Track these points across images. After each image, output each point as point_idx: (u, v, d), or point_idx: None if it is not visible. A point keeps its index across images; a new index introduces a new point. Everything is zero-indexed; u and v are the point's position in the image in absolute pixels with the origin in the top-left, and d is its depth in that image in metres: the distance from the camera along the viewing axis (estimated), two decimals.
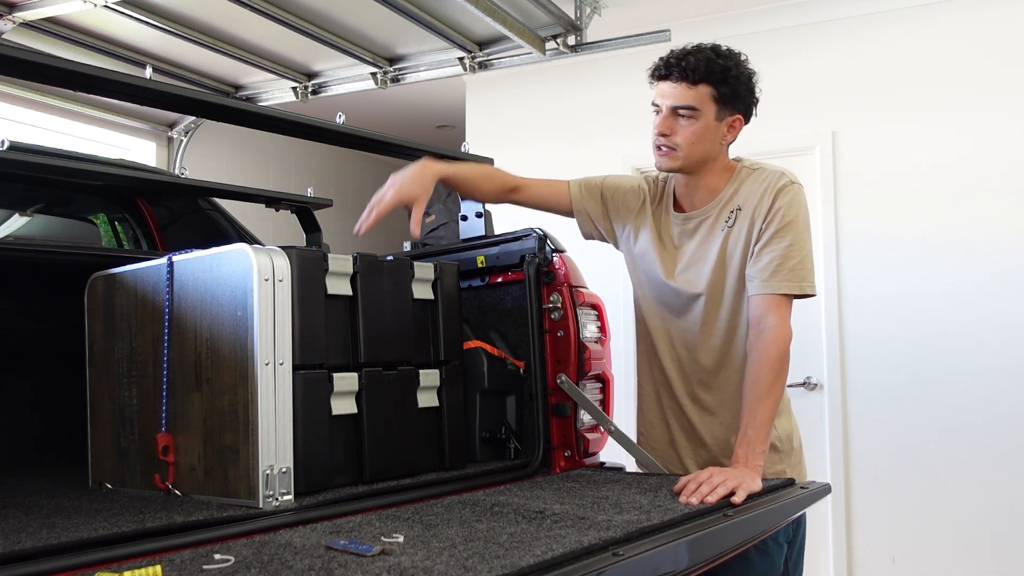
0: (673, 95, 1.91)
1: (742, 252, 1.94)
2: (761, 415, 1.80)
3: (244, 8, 3.28)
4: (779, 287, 1.87)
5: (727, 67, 1.90)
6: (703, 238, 1.99)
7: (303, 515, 1.54)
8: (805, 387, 4.07)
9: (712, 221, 1.98)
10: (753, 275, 1.91)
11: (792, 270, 1.88)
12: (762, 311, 1.88)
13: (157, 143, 5.18)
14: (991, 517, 3.71)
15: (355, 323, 1.80)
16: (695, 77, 1.88)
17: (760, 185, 1.95)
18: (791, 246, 1.89)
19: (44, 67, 1.61)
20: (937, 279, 3.86)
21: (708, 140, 1.93)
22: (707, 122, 1.91)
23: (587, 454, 2.19)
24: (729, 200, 1.97)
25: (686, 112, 1.90)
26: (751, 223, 1.93)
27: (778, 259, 1.88)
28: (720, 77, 1.89)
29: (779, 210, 1.91)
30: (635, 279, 2.13)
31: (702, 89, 1.89)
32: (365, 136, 2.18)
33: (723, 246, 1.95)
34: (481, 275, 2.29)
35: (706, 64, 1.89)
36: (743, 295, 1.94)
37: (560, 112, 4.76)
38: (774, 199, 1.92)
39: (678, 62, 1.90)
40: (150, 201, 3.14)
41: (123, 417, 1.82)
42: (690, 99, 1.90)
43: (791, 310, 1.91)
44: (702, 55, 1.90)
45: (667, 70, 1.92)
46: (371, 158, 6.58)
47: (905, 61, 3.99)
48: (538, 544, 1.28)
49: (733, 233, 1.95)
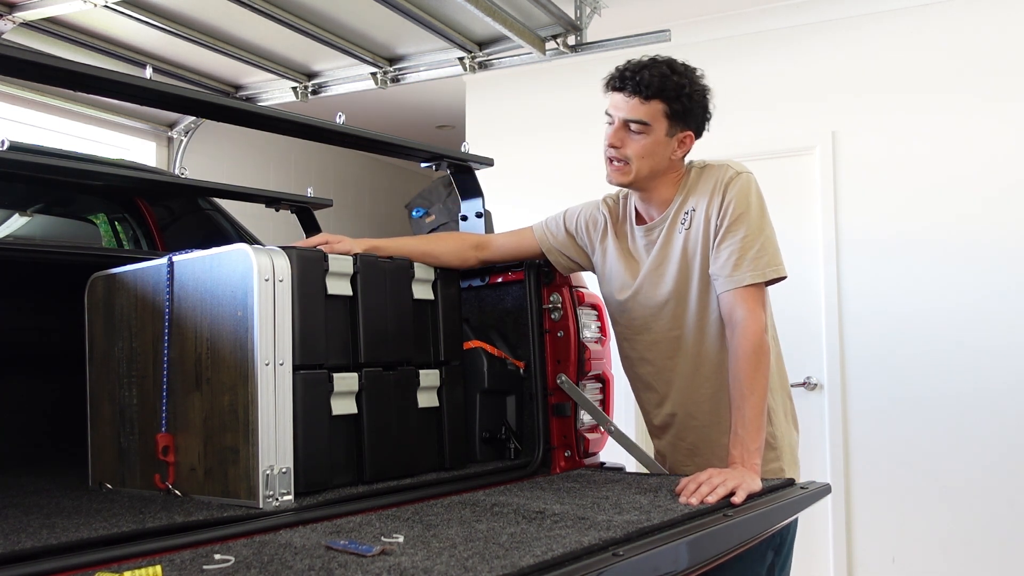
0: (626, 108, 1.91)
1: (702, 251, 1.94)
2: (749, 412, 1.80)
3: (244, 8, 3.28)
4: (743, 279, 1.87)
5: (681, 84, 1.90)
6: (662, 245, 2.00)
7: (303, 515, 1.54)
8: (805, 387, 4.07)
9: (668, 226, 1.99)
10: (716, 273, 1.92)
11: (753, 259, 1.88)
12: (731, 307, 1.88)
13: (157, 143, 5.18)
14: (991, 517, 3.71)
15: (355, 323, 1.80)
16: (648, 93, 1.89)
17: (708, 183, 1.95)
18: (746, 236, 1.89)
19: (44, 67, 1.61)
20: (937, 279, 3.86)
21: (658, 155, 1.93)
22: (657, 138, 1.92)
23: (587, 454, 2.19)
24: (682, 203, 1.98)
25: (637, 127, 1.91)
26: (707, 221, 1.93)
27: (736, 252, 1.88)
28: (673, 94, 1.89)
29: (730, 203, 1.91)
30: (606, 300, 2.14)
31: (655, 105, 1.89)
32: (365, 136, 2.18)
33: (683, 249, 1.96)
34: (481, 275, 2.29)
35: (660, 80, 1.88)
36: (708, 295, 1.95)
37: (560, 112, 4.76)
38: (724, 193, 1.92)
39: (632, 76, 1.90)
40: (150, 201, 3.14)
41: (123, 417, 1.82)
42: (642, 114, 1.90)
43: (763, 299, 1.91)
44: (656, 70, 1.90)
45: (621, 82, 1.92)
46: (371, 158, 6.58)
47: (905, 61, 3.99)
48: (538, 544, 1.28)
49: (691, 234, 1.95)
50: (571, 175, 4.42)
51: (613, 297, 2.09)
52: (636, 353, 2.08)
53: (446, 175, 2.50)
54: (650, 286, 2.01)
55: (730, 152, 2.06)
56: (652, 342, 2.03)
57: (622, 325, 2.10)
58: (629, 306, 2.05)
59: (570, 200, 2.28)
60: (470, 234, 2.18)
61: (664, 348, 2.02)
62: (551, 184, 4.64)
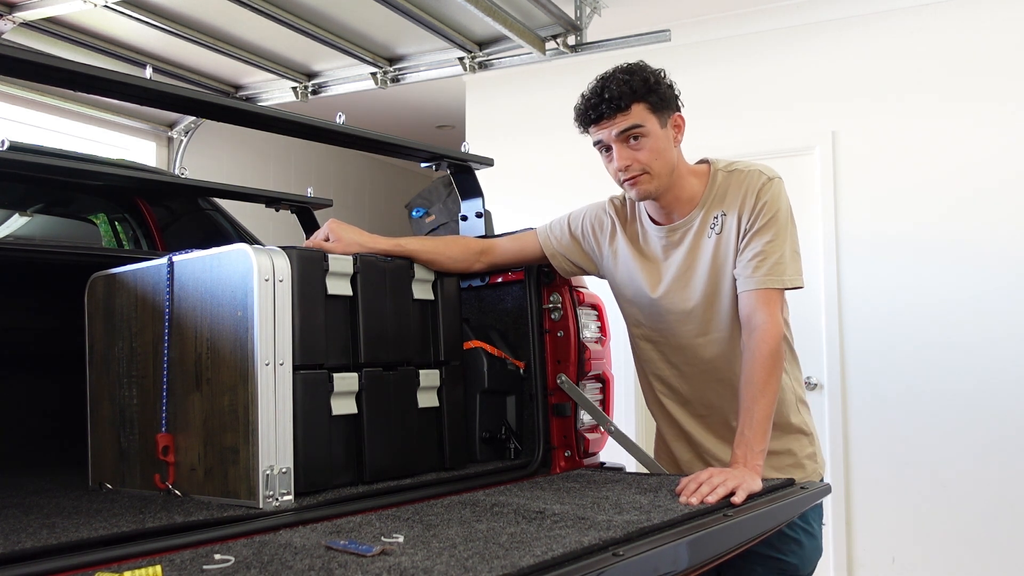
0: (613, 125, 1.87)
1: (733, 256, 1.93)
2: (757, 414, 1.79)
3: (244, 8, 3.28)
4: (764, 282, 1.87)
5: (644, 79, 1.87)
6: (689, 249, 1.97)
7: (303, 515, 1.54)
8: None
9: (697, 230, 1.96)
10: (739, 272, 1.91)
11: (776, 264, 1.87)
12: (751, 308, 1.87)
13: (157, 143, 5.18)
14: (991, 517, 3.71)
15: (355, 323, 1.80)
16: (623, 103, 1.85)
17: (742, 187, 1.94)
18: (772, 241, 1.88)
19: (44, 67, 1.61)
20: (937, 279, 3.86)
21: (666, 149, 1.91)
22: (656, 134, 1.89)
23: (587, 454, 2.19)
24: (711, 205, 1.96)
25: (634, 132, 1.87)
26: (738, 226, 1.92)
27: (761, 254, 1.88)
28: (643, 90, 1.87)
29: (762, 207, 1.90)
30: (622, 304, 2.10)
31: (636, 108, 1.86)
32: (365, 136, 2.18)
33: (714, 255, 1.94)
34: (481, 275, 2.29)
35: (622, 86, 1.85)
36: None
37: (560, 112, 4.71)
38: (756, 198, 1.91)
39: (600, 100, 1.87)
40: (150, 201, 3.14)
41: (123, 417, 1.82)
42: (630, 120, 1.86)
43: (782, 305, 1.91)
44: (616, 79, 1.87)
45: (596, 112, 1.88)
46: (371, 158, 6.59)
47: (905, 61, 3.99)
48: (538, 544, 1.28)
49: (722, 240, 1.93)
50: (571, 175, 4.42)
51: (634, 301, 2.05)
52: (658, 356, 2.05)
53: (446, 175, 2.50)
54: (677, 290, 1.98)
55: (730, 152, 2.05)
56: (677, 347, 2.01)
57: (646, 327, 2.05)
58: (653, 310, 2.01)
59: (570, 200, 2.28)
60: (474, 240, 2.16)
61: (689, 354, 2.00)
62: (551, 184, 4.65)
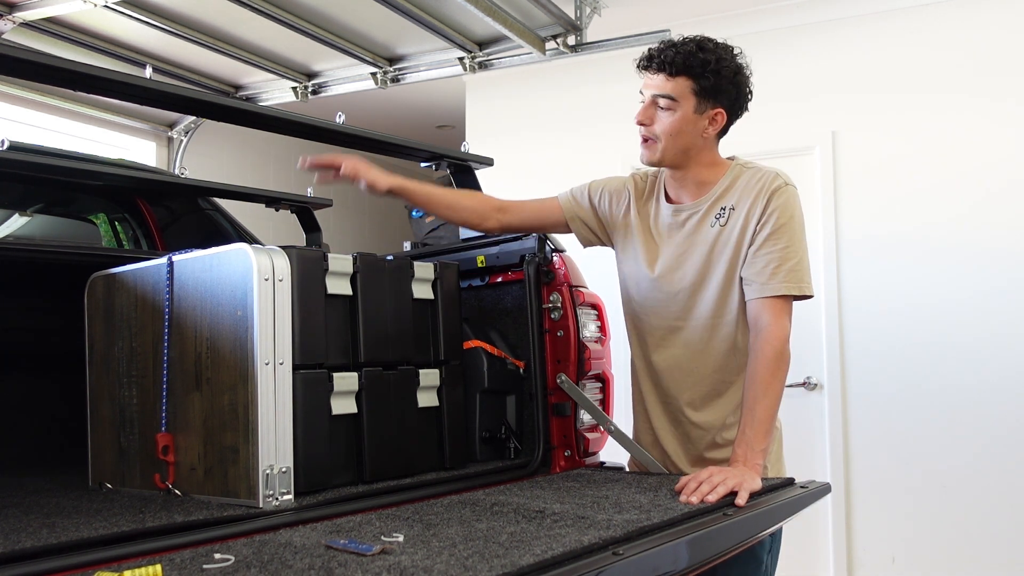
0: (654, 85, 1.93)
1: (732, 252, 1.93)
2: (759, 413, 1.80)
3: (244, 8, 3.28)
4: (778, 289, 1.87)
5: (707, 60, 1.89)
6: (690, 233, 1.98)
7: (303, 515, 1.54)
8: (805, 387, 4.07)
9: (701, 216, 1.97)
10: (751, 279, 1.91)
11: (790, 271, 1.88)
12: (759, 313, 1.88)
13: (157, 143, 5.17)
14: (991, 517, 3.71)
15: (355, 323, 1.80)
16: (673, 70, 1.89)
17: (754, 186, 1.94)
18: (787, 248, 1.89)
19: (44, 67, 1.61)
20: (937, 279, 3.86)
21: (687, 133, 1.92)
22: (685, 114, 1.91)
23: (587, 454, 2.19)
24: (721, 196, 1.96)
25: (665, 103, 1.91)
26: (744, 224, 1.92)
27: (775, 261, 1.88)
28: (699, 71, 1.89)
29: (774, 212, 1.90)
30: (620, 277, 2.13)
31: (681, 81, 1.90)
32: (365, 136, 2.19)
33: (713, 244, 1.95)
34: (481, 275, 2.29)
35: (685, 57, 1.89)
36: (727, 294, 1.94)
37: (560, 112, 4.76)
38: (768, 200, 1.91)
39: (660, 54, 1.91)
40: (150, 201, 3.14)
41: (123, 417, 1.82)
42: (668, 90, 1.90)
43: (790, 311, 1.91)
44: (684, 48, 1.90)
45: (648, 61, 1.93)
46: (371, 158, 6.57)
47: (905, 61, 3.99)
48: (538, 543, 1.28)
49: (725, 232, 1.94)
50: (571, 175, 4.39)
51: (631, 275, 2.08)
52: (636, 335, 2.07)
53: (446, 175, 2.50)
54: (670, 271, 1.99)
55: (730, 152, 2.05)
56: (656, 327, 2.02)
57: (635, 303, 2.08)
58: (645, 287, 2.03)
59: None
60: (494, 197, 2.15)
61: (665, 336, 2.01)
62: (551, 184, 4.59)
